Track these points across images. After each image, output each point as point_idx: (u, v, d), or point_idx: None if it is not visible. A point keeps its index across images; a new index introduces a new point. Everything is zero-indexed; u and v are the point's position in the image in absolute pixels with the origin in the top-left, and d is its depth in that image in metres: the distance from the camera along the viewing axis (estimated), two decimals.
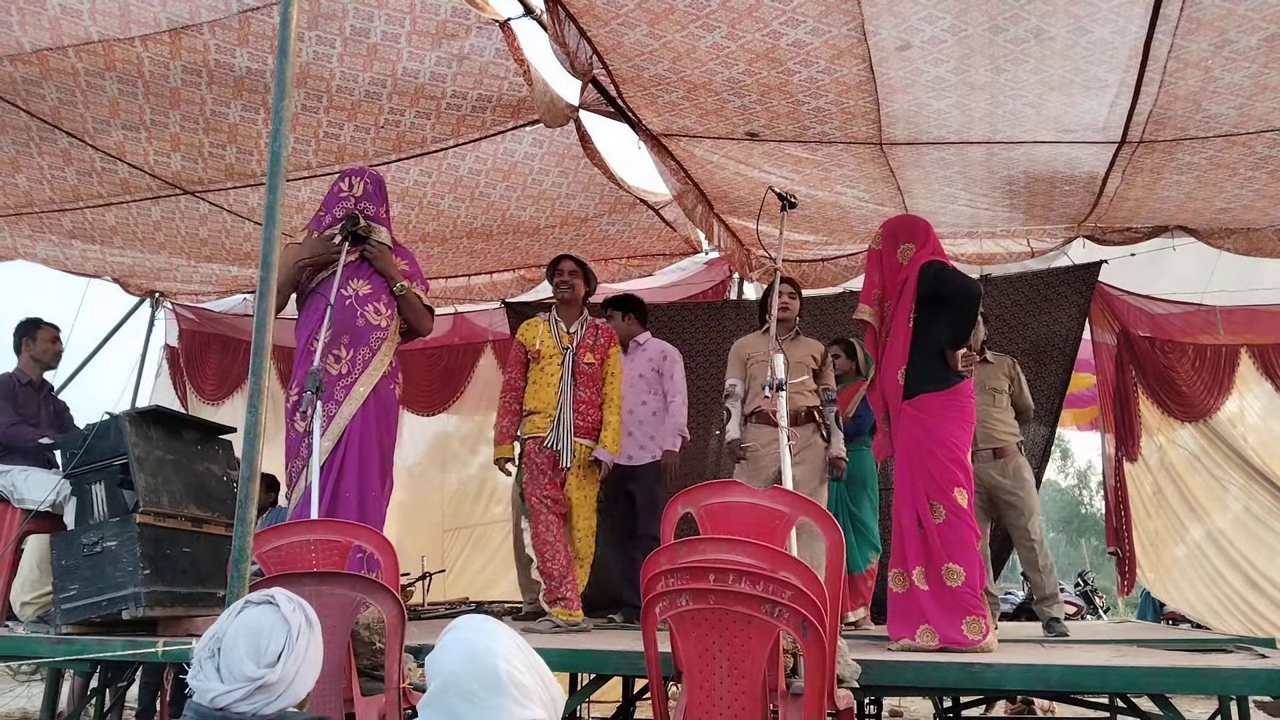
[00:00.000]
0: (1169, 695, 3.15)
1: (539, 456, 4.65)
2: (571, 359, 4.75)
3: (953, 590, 3.74)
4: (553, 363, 4.75)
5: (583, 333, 4.85)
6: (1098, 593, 10.86)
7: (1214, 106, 4.00)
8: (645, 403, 5.28)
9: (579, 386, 4.72)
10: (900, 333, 4.00)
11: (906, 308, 4.00)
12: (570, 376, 4.69)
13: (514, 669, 1.62)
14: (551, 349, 4.77)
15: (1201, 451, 6.55)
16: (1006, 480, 5.02)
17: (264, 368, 2.51)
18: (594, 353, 4.80)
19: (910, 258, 4.06)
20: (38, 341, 4.90)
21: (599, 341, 4.86)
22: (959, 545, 3.77)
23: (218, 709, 1.81)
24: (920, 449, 3.88)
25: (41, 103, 4.34)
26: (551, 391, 4.70)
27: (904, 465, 3.96)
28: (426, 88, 4.19)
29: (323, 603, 2.51)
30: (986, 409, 5.06)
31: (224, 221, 5.77)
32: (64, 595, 3.84)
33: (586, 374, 4.76)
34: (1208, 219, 5.40)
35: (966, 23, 3.52)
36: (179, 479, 4.11)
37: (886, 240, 4.17)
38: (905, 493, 3.93)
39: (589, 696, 3.89)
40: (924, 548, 3.83)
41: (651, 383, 5.30)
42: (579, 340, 4.80)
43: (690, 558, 2.60)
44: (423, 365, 7.70)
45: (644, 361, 5.33)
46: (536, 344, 4.79)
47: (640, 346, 5.40)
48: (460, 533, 7.88)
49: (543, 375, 4.76)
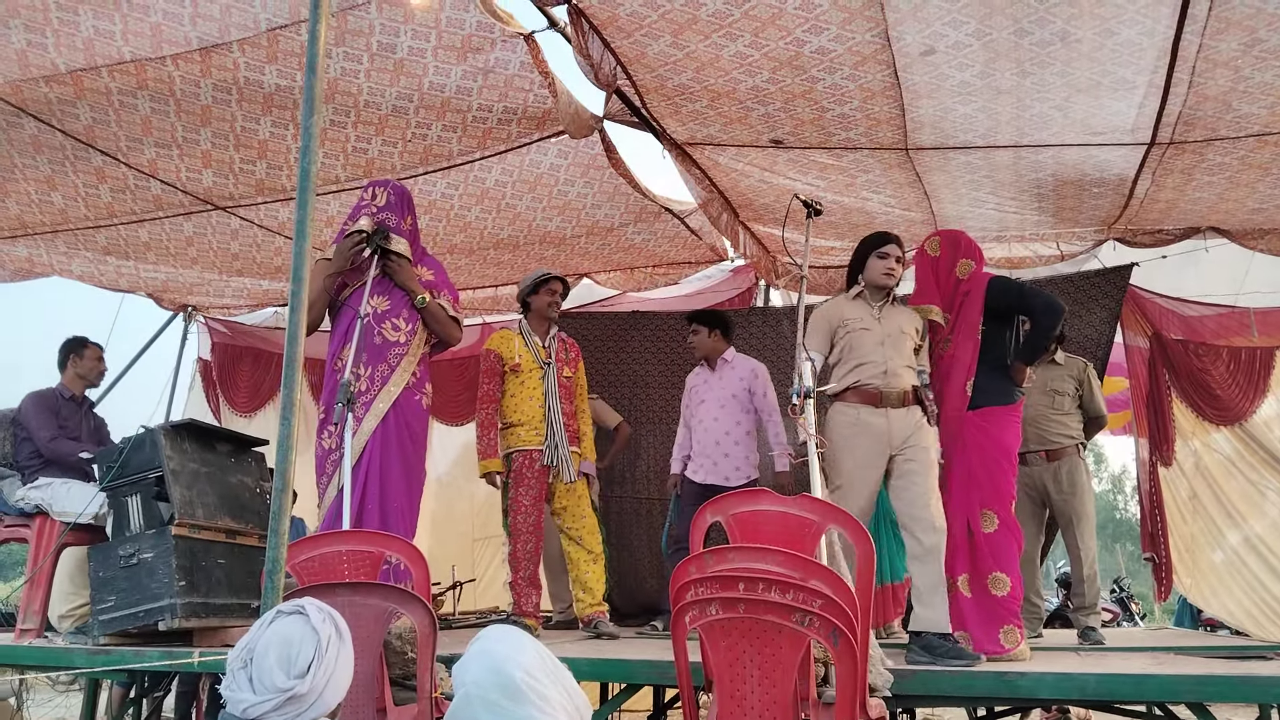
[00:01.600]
0: (1207, 704, 3.10)
1: (529, 472, 4.78)
2: (554, 374, 4.88)
3: (996, 599, 3.80)
4: (533, 376, 4.87)
5: (555, 346, 4.99)
6: (1134, 599, 10.71)
7: (1245, 106, 3.96)
8: (739, 423, 5.18)
9: (563, 399, 4.88)
10: (967, 345, 4.03)
11: (972, 321, 4.02)
12: (556, 392, 4.82)
13: (534, 679, 1.63)
14: (530, 362, 4.89)
15: (1237, 455, 6.44)
16: (1059, 484, 5.01)
17: (296, 380, 2.54)
18: (569, 366, 4.99)
19: (971, 273, 4.11)
20: (84, 360, 5.00)
21: (570, 355, 5.05)
22: (1006, 555, 3.85)
23: (251, 718, 1.83)
24: (986, 459, 3.92)
25: (76, 122, 4.42)
26: (535, 405, 4.84)
27: (961, 473, 3.96)
28: (453, 101, 4.23)
29: (355, 613, 2.53)
30: (1044, 410, 5.06)
31: (255, 236, 5.84)
32: (101, 606, 3.90)
33: (566, 387, 4.95)
34: (1240, 220, 5.33)
35: (991, 27, 3.50)
36: (213, 491, 4.16)
37: (947, 249, 4.17)
38: (958, 500, 3.92)
39: (620, 706, 3.89)
40: (970, 555, 3.86)
41: (743, 402, 5.20)
42: (554, 354, 4.95)
43: (720, 566, 2.60)
44: (450, 375, 7.73)
45: (735, 381, 5.23)
46: (515, 357, 4.88)
47: (729, 364, 5.30)
48: (490, 542, 7.90)
49: (523, 389, 4.86)
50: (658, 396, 6.80)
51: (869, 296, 4.06)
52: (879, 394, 3.87)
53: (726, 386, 5.24)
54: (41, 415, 4.76)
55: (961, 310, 4.08)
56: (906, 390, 3.90)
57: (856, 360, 3.93)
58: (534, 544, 4.77)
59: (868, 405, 3.88)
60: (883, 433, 3.84)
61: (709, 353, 5.31)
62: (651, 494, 6.63)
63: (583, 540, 4.90)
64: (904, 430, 3.85)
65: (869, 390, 3.89)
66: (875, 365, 3.89)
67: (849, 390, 3.95)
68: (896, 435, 3.84)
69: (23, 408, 4.77)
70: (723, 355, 5.32)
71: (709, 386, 5.29)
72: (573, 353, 5.07)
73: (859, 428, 3.87)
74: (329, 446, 3.93)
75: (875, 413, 3.86)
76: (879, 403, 3.87)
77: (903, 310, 4.11)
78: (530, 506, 4.77)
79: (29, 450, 4.71)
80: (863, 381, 3.91)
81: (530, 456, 4.79)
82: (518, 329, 5.03)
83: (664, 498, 6.54)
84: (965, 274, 4.11)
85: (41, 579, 4.42)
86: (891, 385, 3.87)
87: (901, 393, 3.88)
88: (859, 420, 3.89)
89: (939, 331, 4.13)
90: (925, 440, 3.87)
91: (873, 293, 4.07)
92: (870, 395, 3.89)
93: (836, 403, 4.00)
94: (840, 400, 3.98)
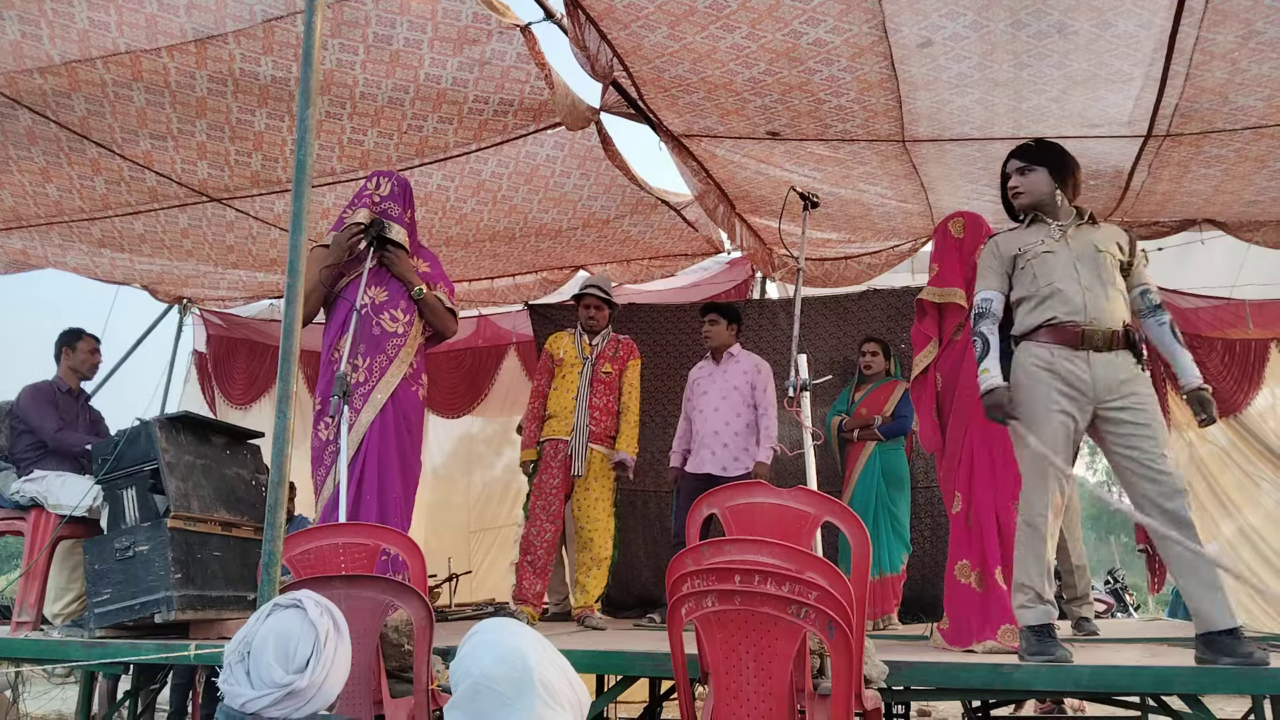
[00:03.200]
0: (1201, 695, 3.11)
1: (555, 460, 4.95)
2: (590, 367, 5.02)
3: None
4: (572, 371, 5.06)
5: (604, 345, 5.14)
6: (1128, 590, 10.74)
7: (1241, 98, 3.96)
8: (740, 415, 5.29)
9: (595, 394, 5.01)
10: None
11: None
12: (588, 384, 4.91)
13: (544, 669, 1.63)
14: (573, 358, 5.10)
15: (1232, 447, 6.47)
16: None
17: (292, 372, 2.54)
18: (613, 363, 5.11)
19: None
20: (77, 352, 4.98)
21: (619, 353, 5.16)
22: None
23: (249, 714, 1.83)
24: (1008, 448, 3.75)
25: (71, 114, 4.40)
26: (570, 397, 5.01)
27: (985, 463, 3.84)
28: (449, 93, 4.22)
29: (352, 605, 2.53)
30: None
31: (250, 228, 5.83)
32: (97, 599, 3.89)
33: (604, 381, 5.06)
34: (1236, 212, 5.33)
35: (989, 19, 3.50)
36: (209, 483, 4.16)
37: (970, 233, 4.08)
38: (986, 492, 3.82)
39: (616, 698, 3.89)
40: (1002, 548, 3.76)
41: (745, 396, 5.31)
42: (599, 351, 5.09)
43: (716, 559, 2.60)
44: (447, 368, 7.74)
45: (739, 374, 5.34)
46: (560, 353, 5.12)
47: (734, 358, 5.41)
48: (486, 534, 7.92)
49: (564, 382, 5.08)
50: (653, 389, 6.79)
51: (1046, 218, 3.47)
52: (1080, 332, 3.25)
53: (730, 379, 5.34)
54: (42, 408, 4.75)
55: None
56: (1115, 330, 3.25)
57: (1045, 292, 3.32)
58: (549, 532, 4.87)
59: (1064, 346, 3.26)
60: (1084, 381, 3.25)
61: (722, 345, 5.40)
62: (647, 486, 6.64)
63: (591, 542, 4.99)
64: (1113, 377, 3.23)
65: (1068, 328, 3.26)
66: (1071, 296, 3.29)
67: (1044, 328, 3.31)
68: (1102, 383, 3.23)
69: (20, 401, 4.76)
70: (729, 349, 5.41)
71: (712, 379, 5.39)
72: (623, 351, 5.20)
73: (1051, 373, 3.27)
74: (326, 438, 3.92)
75: (1074, 356, 3.26)
76: (1080, 343, 3.26)
77: (1099, 228, 3.45)
78: (549, 493, 4.91)
79: (26, 443, 4.70)
80: (1061, 317, 3.28)
81: (557, 446, 4.98)
82: (574, 330, 5.28)
83: (659, 490, 6.56)
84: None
85: (37, 572, 4.41)
86: (1097, 323, 3.26)
87: (1106, 333, 3.24)
88: (1053, 365, 3.26)
89: (959, 315, 4.01)
90: (1141, 389, 3.23)
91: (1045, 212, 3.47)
92: (1070, 334, 3.26)
93: (1023, 341, 3.38)
94: (1028, 339, 3.36)
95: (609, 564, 5.03)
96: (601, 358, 5.09)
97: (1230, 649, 3.04)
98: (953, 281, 4.02)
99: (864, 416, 5.58)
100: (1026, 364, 3.34)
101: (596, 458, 4.99)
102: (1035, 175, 3.46)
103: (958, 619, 3.83)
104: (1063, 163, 3.50)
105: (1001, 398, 3.33)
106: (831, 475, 5.71)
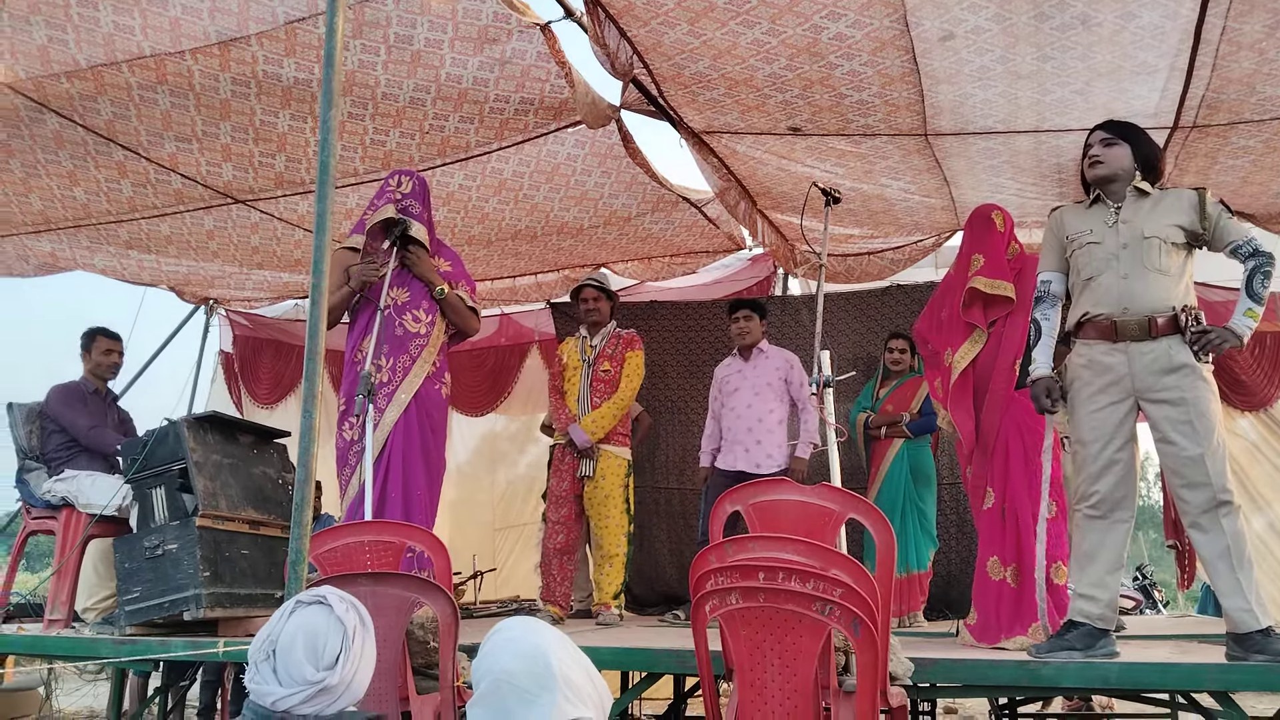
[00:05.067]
0: (1231, 692, 3.08)
1: (563, 464, 5.05)
2: (589, 369, 5.07)
3: (1060, 588, 3.64)
4: (576, 374, 5.12)
5: (604, 344, 5.15)
6: (1157, 586, 10.61)
7: (1269, 89, 3.91)
8: (773, 410, 5.26)
9: (595, 394, 5.04)
10: (1019, 322, 3.85)
11: (1025, 298, 3.83)
12: (588, 386, 4.98)
13: (566, 665, 1.63)
14: (575, 360, 5.16)
15: (1262, 441, 6.40)
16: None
17: (317, 372, 2.56)
18: (612, 361, 5.11)
19: (1018, 254, 4.02)
20: (94, 353, 5.01)
21: (619, 350, 5.15)
22: (1064, 543, 3.68)
23: (279, 711, 1.83)
24: (1039, 442, 3.69)
25: (97, 117, 4.45)
26: (574, 400, 5.08)
27: (1019, 457, 3.78)
28: (470, 93, 4.23)
29: (377, 603, 2.55)
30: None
31: (275, 229, 5.87)
32: (127, 597, 3.94)
33: (603, 380, 5.08)
34: (1265, 204, 5.26)
35: (1011, 11, 3.47)
36: (236, 482, 4.20)
37: (1009, 228, 4.05)
38: (1020, 485, 3.76)
39: (641, 694, 3.90)
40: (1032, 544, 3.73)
41: (778, 391, 5.29)
42: (599, 351, 5.12)
43: (740, 556, 2.60)
44: (470, 366, 7.77)
45: (770, 370, 5.31)
46: (566, 358, 5.22)
47: (764, 354, 5.39)
48: (510, 531, 7.94)
49: (570, 386, 5.16)
50: (676, 386, 6.80)
51: (1107, 199, 3.32)
52: (1112, 325, 3.19)
53: (761, 375, 5.30)
54: (74, 407, 4.79)
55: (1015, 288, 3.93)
56: (1154, 317, 3.13)
57: (1083, 285, 3.28)
58: (564, 536, 4.97)
59: (1102, 341, 3.19)
60: (1121, 375, 3.18)
61: (754, 341, 5.36)
62: (670, 484, 6.65)
63: (602, 540, 5.02)
64: (1151, 369, 3.13)
65: (1101, 322, 3.21)
66: (1106, 288, 3.22)
67: (1083, 325, 3.26)
68: (1140, 376, 3.15)
69: (50, 401, 4.81)
70: (758, 345, 5.38)
71: (742, 375, 5.35)
72: (623, 345, 5.17)
73: (1091, 371, 3.21)
74: (351, 438, 3.96)
75: (1111, 350, 3.19)
76: (1114, 336, 3.18)
77: (1160, 203, 3.25)
78: (561, 497, 5.00)
79: (57, 442, 4.75)
80: (1093, 311, 3.23)
81: (564, 450, 5.06)
82: (580, 334, 5.30)
83: (683, 488, 6.55)
84: (1013, 255, 4.02)
85: (68, 570, 4.47)
86: (1129, 311, 3.17)
87: (1142, 320, 3.13)
88: (1091, 362, 3.21)
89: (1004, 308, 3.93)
90: (1186, 380, 3.10)
91: (1109, 192, 3.31)
92: (1103, 328, 3.20)
93: (1075, 341, 3.34)
94: (1077, 337, 3.30)
95: (622, 561, 5.03)
96: (601, 357, 5.10)
97: (1262, 646, 3.00)
98: (1002, 274, 3.94)
99: (891, 413, 5.55)
100: (1073, 362, 3.33)
101: (604, 457, 5.01)
102: (1119, 150, 3.32)
103: (986, 615, 3.80)
104: (1148, 144, 3.40)
105: (1041, 389, 3.32)
106: (855, 471, 5.69)
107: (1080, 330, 3.31)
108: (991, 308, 3.97)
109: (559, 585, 4.90)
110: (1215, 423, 3.12)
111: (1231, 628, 3.09)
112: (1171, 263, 3.22)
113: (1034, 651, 3.27)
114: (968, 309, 4.00)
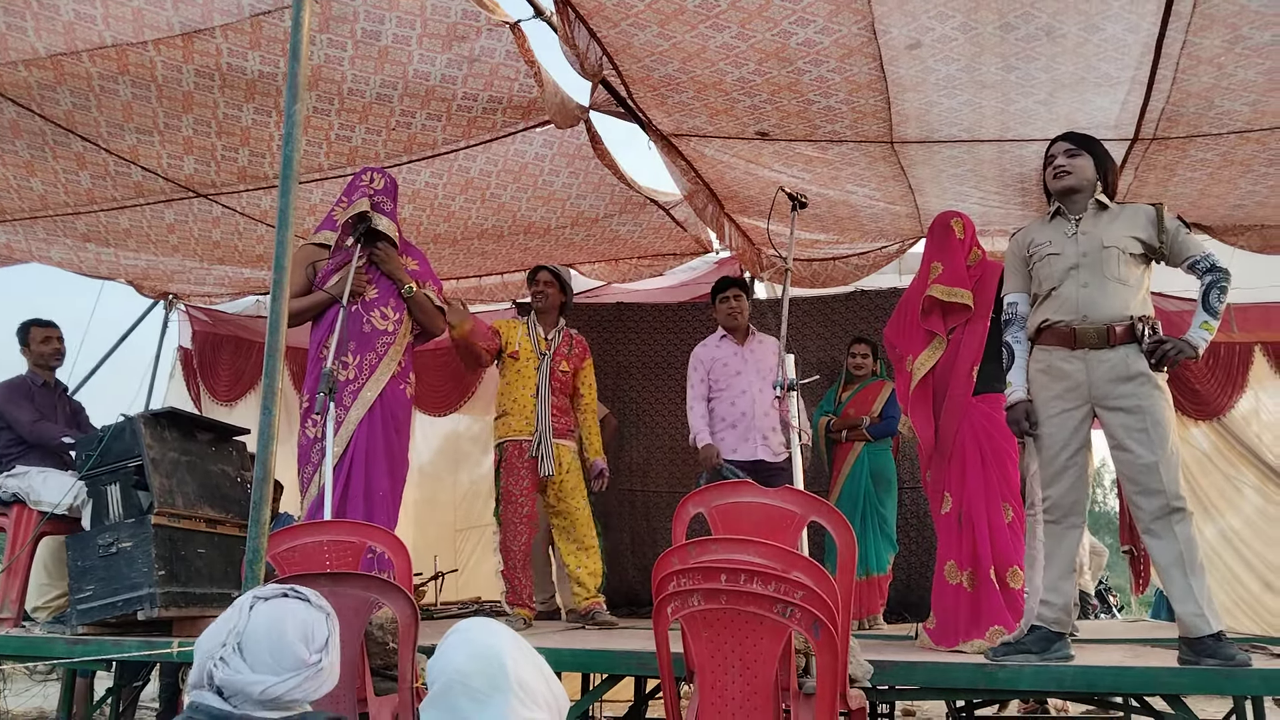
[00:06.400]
0: (1183, 696, 3.13)
1: (520, 462, 4.78)
2: (548, 365, 4.87)
3: (1015, 592, 3.70)
4: (529, 366, 4.88)
5: (559, 340, 4.98)
6: (1111, 591, 10.79)
7: (1227, 103, 3.98)
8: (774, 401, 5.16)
9: (555, 393, 4.87)
10: (977, 329, 3.93)
11: (984, 304, 3.93)
12: (548, 382, 4.82)
13: (520, 667, 1.62)
14: (528, 352, 4.91)
15: (1214, 450, 6.52)
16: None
17: (278, 369, 2.53)
18: (569, 361, 4.97)
19: (979, 260, 4.07)
20: (32, 343, 4.94)
21: (574, 351, 5.02)
22: (1020, 548, 3.71)
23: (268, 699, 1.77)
24: (996, 448, 3.82)
25: (56, 107, 4.36)
26: (528, 394, 4.84)
27: (975, 462, 3.84)
28: (438, 90, 4.20)
29: (337, 603, 2.51)
30: None
31: (237, 224, 5.80)
32: (80, 596, 3.87)
33: (561, 380, 4.92)
34: (1221, 216, 5.37)
35: (977, 21, 3.51)
36: (193, 480, 4.14)
37: (970, 235, 4.10)
38: (977, 491, 3.82)
39: (601, 696, 3.89)
40: (991, 548, 3.77)
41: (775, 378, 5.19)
42: (555, 348, 4.94)
43: (702, 558, 2.61)
44: (434, 365, 7.71)
45: (768, 354, 5.13)
46: (515, 345, 4.92)
47: (756, 337, 5.25)
48: (472, 532, 7.90)
49: (519, 377, 4.88)
50: (642, 388, 6.81)
51: (1068, 211, 3.41)
52: (1071, 332, 3.26)
53: (762, 359, 5.14)
54: (16, 401, 4.72)
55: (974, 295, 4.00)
56: (1112, 325, 3.21)
57: (1044, 294, 3.36)
58: (525, 536, 4.77)
59: (1060, 347, 3.28)
60: (1079, 382, 3.25)
61: (744, 322, 5.22)
62: (634, 486, 6.65)
63: (574, 528, 4.87)
64: (1109, 377, 3.20)
65: (1060, 329, 3.28)
66: (1065, 297, 3.29)
67: (1043, 331, 3.34)
68: (1098, 384, 3.23)
69: None
70: (749, 328, 5.26)
71: (743, 359, 5.15)
72: (578, 349, 5.05)
73: (1049, 376, 3.30)
74: (314, 436, 3.91)
75: (1070, 357, 3.27)
76: (1073, 343, 3.27)
77: (1119, 216, 3.35)
78: (520, 497, 4.76)
79: (7, 439, 4.67)
80: (1053, 319, 3.31)
81: (521, 447, 4.79)
82: (526, 319, 5.07)
83: (647, 489, 6.55)
84: (975, 261, 4.07)
85: (19, 568, 4.38)
86: (1089, 319, 3.24)
87: (1101, 329, 3.22)
88: (1049, 368, 3.30)
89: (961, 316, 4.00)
90: (1141, 389, 3.17)
91: (1069, 205, 3.39)
92: (1062, 334, 3.28)
93: (1033, 345, 3.42)
94: (1037, 343, 3.39)
95: (598, 550, 4.91)
96: (558, 355, 4.93)
97: (1213, 650, 3.06)
98: (960, 282, 4.00)
99: (852, 417, 5.59)
100: (1032, 368, 3.41)
101: (564, 451, 4.86)
102: (1083, 160, 3.38)
103: (945, 619, 3.84)
104: (1106, 157, 3.48)
105: (1019, 414, 3.38)
106: (818, 475, 5.72)
107: (1040, 336, 3.37)
108: (950, 315, 4.02)
109: (524, 587, 4.73)
110: (1170, 431, 3.19)
111: (1184, 632, 3.15)
112: (1130, 273, 3.30)
113: (991, 655, 3.31)
114: (926, 316, 4.04)
